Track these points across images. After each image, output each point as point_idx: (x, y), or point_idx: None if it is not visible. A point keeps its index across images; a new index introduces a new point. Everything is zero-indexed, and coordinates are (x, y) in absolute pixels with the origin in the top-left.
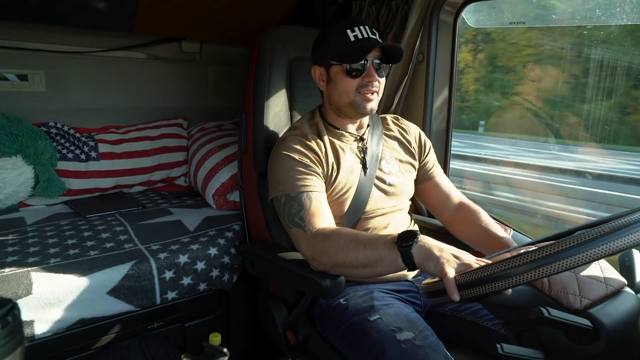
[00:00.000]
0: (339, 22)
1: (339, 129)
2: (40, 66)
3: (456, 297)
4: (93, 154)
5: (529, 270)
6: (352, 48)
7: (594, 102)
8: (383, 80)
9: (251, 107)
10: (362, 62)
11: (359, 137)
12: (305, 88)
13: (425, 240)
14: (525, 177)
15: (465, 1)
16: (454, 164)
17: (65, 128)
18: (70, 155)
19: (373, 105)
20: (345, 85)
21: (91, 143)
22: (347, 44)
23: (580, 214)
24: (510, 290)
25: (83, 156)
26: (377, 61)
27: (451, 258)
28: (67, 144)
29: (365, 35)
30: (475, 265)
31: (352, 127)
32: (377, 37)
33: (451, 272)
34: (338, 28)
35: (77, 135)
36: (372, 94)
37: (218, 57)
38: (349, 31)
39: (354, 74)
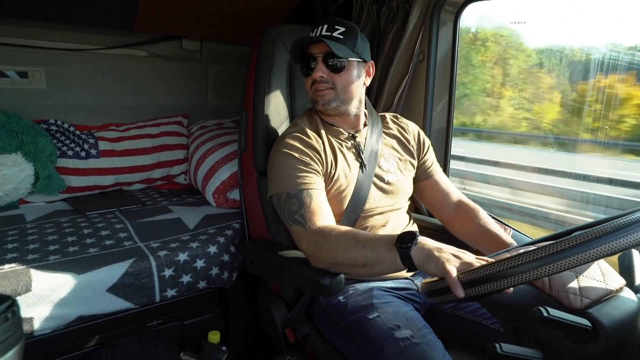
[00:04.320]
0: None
1: (335, 127)
2: (40, 63)
3: (461, 293)
4: (93, 152)
5: (531, 269)
6: (294, 47)
7: None
8: (340, 74)
9: (251, 106)
10: (310, 60)
11: (351, 135)
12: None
13: (425, 241)
14: None
15: (466, 0)
16: None
17: (66, 125)
18: (70, 152)
19: (327, 99)
20: (305, 85)
21: (91, 140)
22: (296, 43)
23: None
24: (511, 289)
25: (83, 153)
26: (330, 58)
27: (451, 257)
28: (67, 142)
29: (318, 33)
30: (477, 264)
31: (345, 125)
32: (337, 33)
33: (453, 271)
34: (307, 28)
35: (77, 132)
36: (325, 89)
37: (218, 56)
38: (311, 31)
39: (305, 71)
